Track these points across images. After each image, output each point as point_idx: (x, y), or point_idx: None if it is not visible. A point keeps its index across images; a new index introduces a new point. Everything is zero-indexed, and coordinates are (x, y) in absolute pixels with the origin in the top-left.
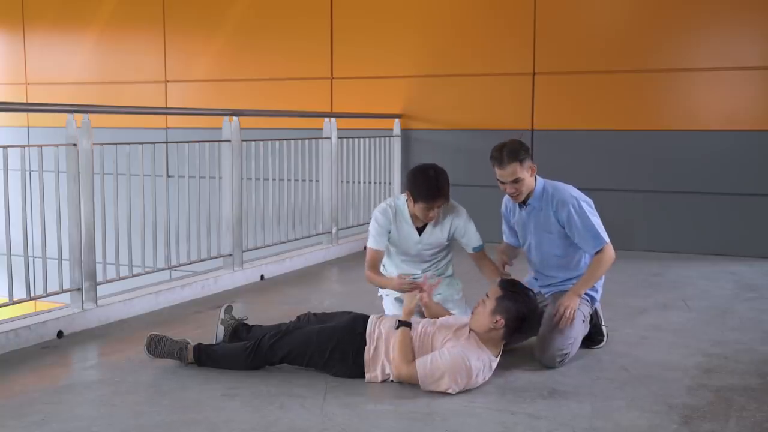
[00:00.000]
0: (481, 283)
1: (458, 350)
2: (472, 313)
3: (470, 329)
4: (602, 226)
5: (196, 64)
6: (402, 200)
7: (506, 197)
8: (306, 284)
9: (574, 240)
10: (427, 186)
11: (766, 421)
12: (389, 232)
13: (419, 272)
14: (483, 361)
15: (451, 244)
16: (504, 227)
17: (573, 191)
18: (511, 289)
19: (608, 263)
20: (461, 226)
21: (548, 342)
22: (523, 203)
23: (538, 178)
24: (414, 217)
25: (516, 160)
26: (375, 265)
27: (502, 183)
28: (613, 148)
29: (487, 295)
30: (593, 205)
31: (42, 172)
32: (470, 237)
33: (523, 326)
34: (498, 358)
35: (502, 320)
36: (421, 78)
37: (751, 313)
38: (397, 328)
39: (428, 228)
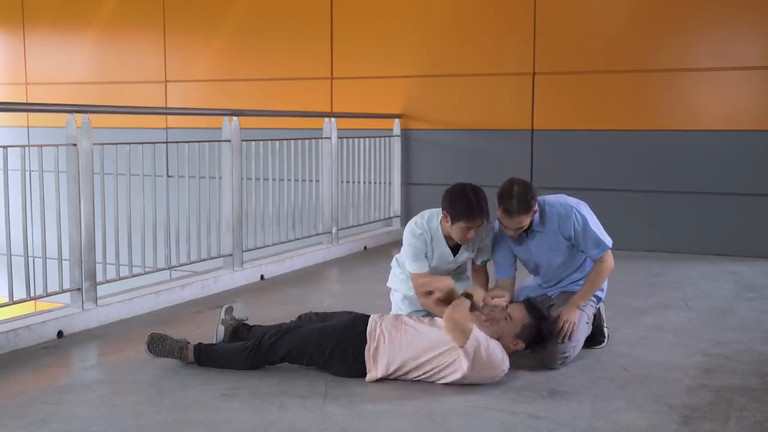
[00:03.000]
0: None
1: (500, 349)
2: (487, 319)
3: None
4: (602, 229)
5: (196, 64)
6: (435, 222)
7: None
8: (306, 284)
9: (579, 248)
10: (468, 208)
11: (766, 421)
12: (426, 252)
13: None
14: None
15: None
16: (497, 258)
17: (568, 200)
18: (539, 318)
19: (607, 272)
20: (486, 242)
21: (551, 343)
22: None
23: None
24: (448, 236)
25: (525, 214)
26: (430, 297)
27: (504, 226)
28: (613, 148)
29: (509, 316)
30: (588, 207)
31: (42, 172)
32: (485, 252)
33: (535, 349)
34: None
35: (522, 345)
36: (421, 78)
37: (751, 313)
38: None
39: (462, 248)
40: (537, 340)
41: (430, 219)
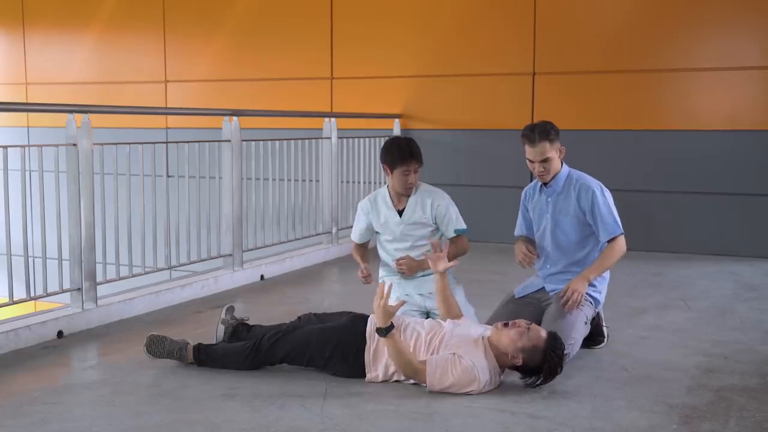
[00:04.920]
0: (481, 282)
1: (471, 363)
2: (504, 325)
3: (485, 339)
4: (618, 216)
5: (196, 64)
6: (383, 188)
7: (527, 188)
8: (306, 284)
9: (593, 223)
10: (399, 150)
11: (766, 421)
12: (367, 223)
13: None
14: (492, 375)
15: (442, 235)
16: (519, 218)
17: (595, 180)
18: (551, 349)
19: (620, 252)
20: (443, 206)
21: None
22: (545, 185)
23: (564, 164)
24: (395, 198)
25: (546, 140)
26: (355, 252)
27: (531, 162)
28: (613, 148)
29: (529, 329)
30: (611, 194)
31: (42, 172)
32: (451, 218)
33: (530, 378)
34: (504, 371)
35: (520, 361)
36: (421, 78)
37: (751, 313)
38: (381, 336)
39: (408, 209)
40: (534, 367)
41: (382, 188)
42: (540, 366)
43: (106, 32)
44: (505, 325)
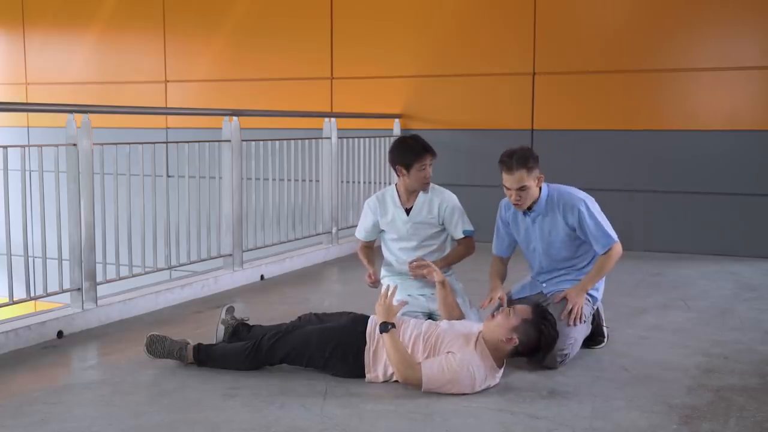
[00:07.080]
0: (480, 282)
1: (466, 359)
2: (491, 316)
3: (479, 335)
4: (609, 224)
5: (196, 64)
6: (391, 188)
7: (505, 200)
8: (306, 284)
9: (585, 239)
10: (412, 148)
11: (766, 421)
12: (374, 221)
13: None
14: (488, 371)
15: (447, 236)
16: (496, 235)
17: (578, 192)
18: (541, 318)
19: (615, 258)
20: (451, 207)
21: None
22: (527, 210)
23: (543, 185)
24: (404, 196)
25: (524, 168)
26: (361, 252)
27: (508, 189)
28: (613, 148)
29: (513, 309)
30: (596, 203)
31: (42, 172)
32: (459, 220)
33: (532, 355)
34: (502, 369)
35: (516, 341)
36: (421, 78)
37: (751, 313)
38: (382, 331)
39: (416, 208)
40: (534, 344)
41: (390, 186)
42: (537, 340)
43: (106, 32)
44: (492, 316)
